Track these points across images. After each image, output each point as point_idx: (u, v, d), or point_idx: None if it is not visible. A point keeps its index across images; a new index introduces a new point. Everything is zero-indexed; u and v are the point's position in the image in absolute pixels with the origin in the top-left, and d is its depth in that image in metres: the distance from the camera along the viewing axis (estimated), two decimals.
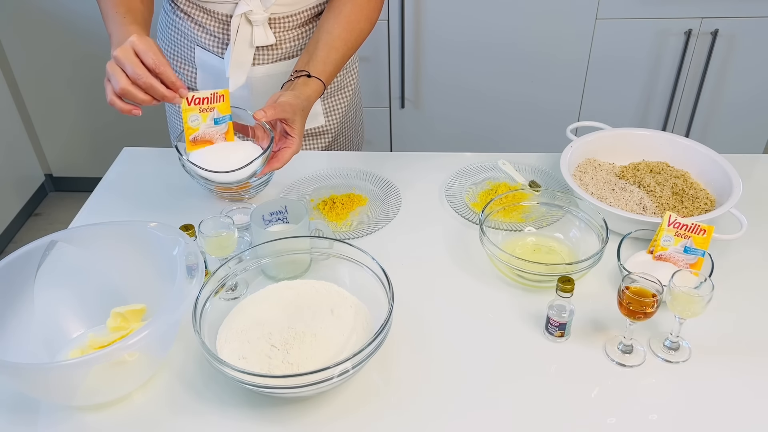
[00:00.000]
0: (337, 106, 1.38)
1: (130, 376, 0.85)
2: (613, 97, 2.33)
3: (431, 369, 0.89)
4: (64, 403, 0.85)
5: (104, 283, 0.95)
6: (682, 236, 0.98)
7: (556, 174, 1.23)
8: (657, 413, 0.83)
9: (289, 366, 0.84)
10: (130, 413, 0.84)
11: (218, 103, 0.99)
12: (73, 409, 0.85)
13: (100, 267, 0.95)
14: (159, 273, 0.91)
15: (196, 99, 0.98)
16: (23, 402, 0.86)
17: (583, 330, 0.94)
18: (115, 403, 0.85)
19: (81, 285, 0.95)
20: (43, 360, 0.89)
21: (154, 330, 0.79)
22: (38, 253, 0.92)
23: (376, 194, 1.23)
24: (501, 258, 0.99)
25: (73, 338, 0.94)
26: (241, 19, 1.16)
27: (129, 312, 0.92)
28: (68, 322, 0.94)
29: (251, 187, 1.19)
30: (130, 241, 0.95)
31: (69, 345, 0.93)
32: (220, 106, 1.00)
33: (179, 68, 1.32)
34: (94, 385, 0.82)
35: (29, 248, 0.92)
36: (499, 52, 2.25)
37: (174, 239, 0.91)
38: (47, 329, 0.92)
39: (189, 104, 0.98)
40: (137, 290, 0.94)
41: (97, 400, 0.85)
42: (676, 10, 2.12)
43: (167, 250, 0.90)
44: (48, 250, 0.93)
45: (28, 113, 2.58)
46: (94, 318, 0.95)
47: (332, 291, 0.95)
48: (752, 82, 2.27)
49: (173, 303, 0.82)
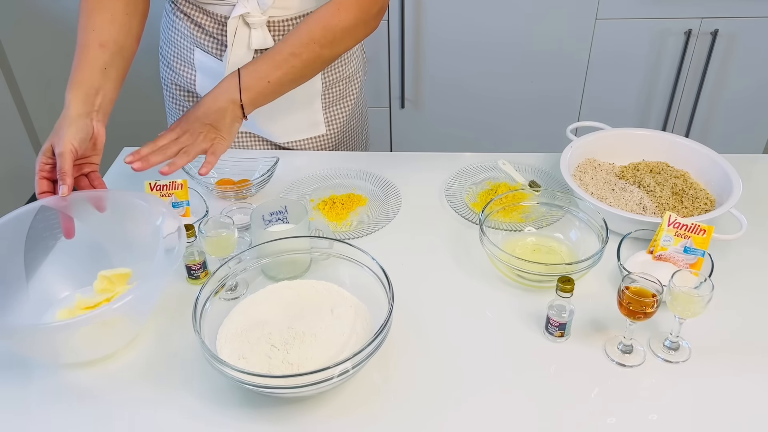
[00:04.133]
0: (339, 115, 1.37)
1: (114, 336, 0.90)
2: (613, 97, 2.33)
3: (431, 369, 0.89)
4: (52, 361, 0.90)
5: (92, 247, 1.00)
6: (682, 236, 0.98)
7: (556, 174, 1.23)
8: (657, 413, 0.83)
9: (289, 366, 0.84)
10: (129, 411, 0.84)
11: (177, 190, 1.10)
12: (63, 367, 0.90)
13: (88, 232, 1.00)
14: (143, 241, 0.95)
15: (157, 186, 1.09)
16: (16, 359, 0.91)
17: (583, 330, 0.94)
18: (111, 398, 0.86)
19: (69, 249, 1.00)
20: (32, 319, 0.94)
21: (136, 296, 0.83)
22: (28, 217, 0.97)
23: (376, 194, 1.23)
24: (501, 258, 0.99)
25: (62, 298, 0.98)
26: (238, 22, 1.15)
27: (115, 276, 0.96)
28: (57, 283, 0.99)
29: (252, 185, 1.19)
30: (117, 209, 0.99)
31: (57, 305, 0.97)
32: (179, 192, 1.10)
33: (179, 70, 1.31)
34: (79, 345, 0.87)
35: (20, 212, 0.96)
36: (499, 52, 2.25)
37: (158, 210, 0.95)
38: (36, 290, 0.97)
39: (151, 189, 1.09)
40: (123, 255, 0.98)
41: (82, 358, 0.90)
42: (676, 10, 2.12)
43: (152, 219, 0.94)
44: (39, 214, 0.97)
45: (28, 113, 2.58)
46: (81, 280, 0.99)
47: (332, 291, 0.95)
48: (752, 82, 2.27)
49: (155, 270, 0.87)
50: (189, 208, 1.12)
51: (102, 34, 1.07)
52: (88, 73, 1.04)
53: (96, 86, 1.04)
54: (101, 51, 1.06)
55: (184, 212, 1.12)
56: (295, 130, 1.35)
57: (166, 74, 1.36)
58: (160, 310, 0.98)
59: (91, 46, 1.06)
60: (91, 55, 1.05)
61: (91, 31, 1.07)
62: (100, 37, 1.07)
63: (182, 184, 1.11)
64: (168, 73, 1.35)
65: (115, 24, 1.08)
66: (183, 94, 1.35)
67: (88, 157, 1.03)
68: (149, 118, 2.42)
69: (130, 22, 1.11)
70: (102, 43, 1.06)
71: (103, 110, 1.05)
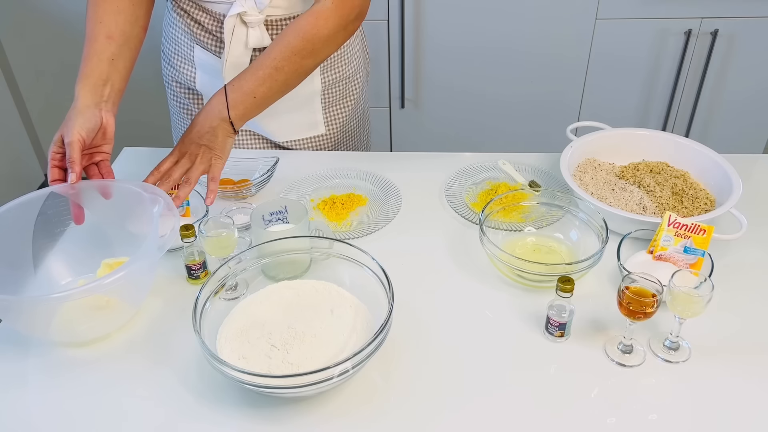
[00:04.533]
0: (339, 115, 1.37)
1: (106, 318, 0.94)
2: (613, 97, 2.33)
3: (431, 369, 0.89)
4: (43, 337, 0.93)
5: (97, 236, 1.03)
6: (682, 236, 0.98)
7: (556, 174, 1.23)
8: (657, 413, 0.83)
9: (289, 366, 0.84)
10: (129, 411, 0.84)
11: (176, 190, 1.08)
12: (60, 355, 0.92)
13: (94, 221, 1.02)
14: (143, 228, 0.98)
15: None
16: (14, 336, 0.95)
17: (583, 330, 0.94)
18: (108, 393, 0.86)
19: (76, 236, 1.04)
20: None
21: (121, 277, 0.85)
22: (38, 203, 1.00)
23: (376, 194, 1.23)
24: (501, 258, 0.99)
25: (64, 284, 1.01)
26: (236, 20, 1.15)
27: (117, 264, 0.98)
28: (62, 269, 1.03)
29: (252, 185, 1.19)
30: (121, 198, 1.01)
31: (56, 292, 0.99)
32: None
33: (180, 67, 1.32)
34: (72, 324, 0.92)
35: (30, 197, 0.99)
36: (499, 52, 2.25)
37: (154, 198, 0.97)
38: (42, 275, 1.01)
39: None
40: (127, 244, 1.00)
41: (76, 338, 0.93)
42: (676, 10, 2.12)
43: (149, 207, 0.97)
44: (48, 200, 1.00)
45: (28, 113, 2.58)
46: (86, 267, 1.02)
47: (332, 291, 0.95)
48: (752, 82, 2.27)
49: (144, 252, 0.89)
50: (189, 208, 1.12)
51: (109, 26, 1.10)
52: (96, 65, 1.07)
53: (104, 77, 1.07)
54: (108, 42, 1.09)
55: (184, 212, 1.12)
56: (294, 130, 1.35)
57: (167, 72, 1.37)
58: (160, 310, 0.99)
59: (98, 38, 1.09)
60: (98, 47, 1.08)
61: (98, 23, 1.10)
62: (107, 28, 1.09)
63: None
64: (169, 70, 1.35)
65: (121, 15, 1.11)
66: (184, 92, 1.36)
67: (99, 146, 1.05)
68: (150, 118, 2.43)
69: (136, 12, 1.13)
70: (109, 34, 1.09)
71: (111, 100, 1.07)
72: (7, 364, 0.91)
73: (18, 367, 0.91)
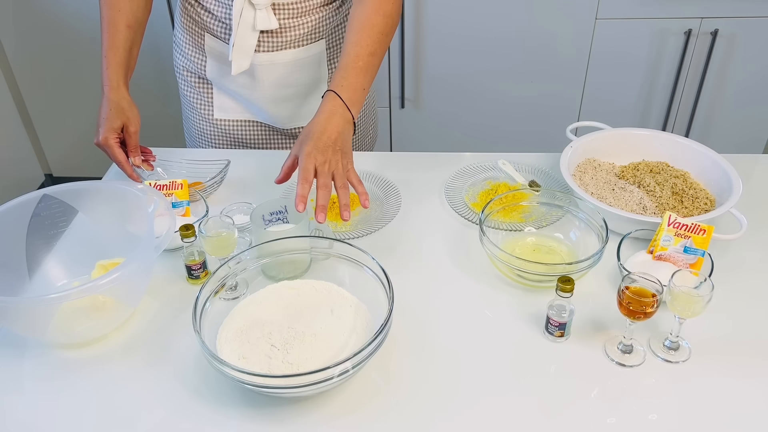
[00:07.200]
0: None
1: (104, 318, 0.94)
2: (613, 97, 2.33)
3: (431, 369, 0.89)
4: (40, 338, 0.93)
5: (92, 238, 1.04)
6: (682, 236, 0.98)
7: (556, 174, 1.23)
8: (657, 413, 0.83)
9: (289, 366, 0.84)
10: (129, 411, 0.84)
11: (177, 190, 1.12)
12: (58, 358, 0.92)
13: (89, 223, 1.05)
14: (138, 229, 0.98)
15: (157, 186, 1.11)
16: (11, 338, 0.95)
17: (583, 330, 0.94)
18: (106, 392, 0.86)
19: (70, 238, 1.05)
20: None
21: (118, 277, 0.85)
22: (31, 206, 1.01)
23: (376, 194, 1.23)
24: (501, 258, 0.99)
25: (59, 286, 1.01)
26: (244, 3, 1.19)
27: (111, 265, 0.98)
28: (56, 271, 1.03)
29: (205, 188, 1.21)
30: (114, 198, 1.04)
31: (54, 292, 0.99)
32: (179, 192, 1.12)
33: (191, 56, 1.35)
34: (66, 323, 0.92)
35: (22, 200, 1.00)
36: (499, 52, 2.25)
37: (150, 198, 0.99)
38: (36, 277, 1.01)
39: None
40: (120, 245, 1.01)
41: (73, 339, 0.93)
42: (676, 10, 2.12)
43: (144, 207, 0.98)
44: (41, 202, 1.02)
45: (28, 113, 2.58)
46: (80, 269, 1.02)
47: (332, 291, 0.95)
48: (752, 82, 2.27)
49: (140, 252, 0.89)
50: (189, 208, 1.12)
51: (127, 15, 1.20)
52: (123, 55, 1.20)
53: (125, 65, 1.20)
54: (128, 31, 1.20)
55: (184, 212, 1.12)
56: (300, 117, 1.37)
57: (179, 61, 1.40)
58: (160, 310, 0.99)
59: (119, 27, 1.19)
60: (121, 37, 1.19)
61: (118, 11, 1.19)
62: (126, 17, 1.20)
63: (182, 183, 1.12)
64: (181, 59, 1.39)
65: (135, 1, 1.21)
66: (196, 81, 1.39)
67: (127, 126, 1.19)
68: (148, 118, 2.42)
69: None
70: (128, 24, 1.20)
71: (127, 83, 1.21)
72: (5, 366, 0.91)
73: (16, 368, 0.91)
